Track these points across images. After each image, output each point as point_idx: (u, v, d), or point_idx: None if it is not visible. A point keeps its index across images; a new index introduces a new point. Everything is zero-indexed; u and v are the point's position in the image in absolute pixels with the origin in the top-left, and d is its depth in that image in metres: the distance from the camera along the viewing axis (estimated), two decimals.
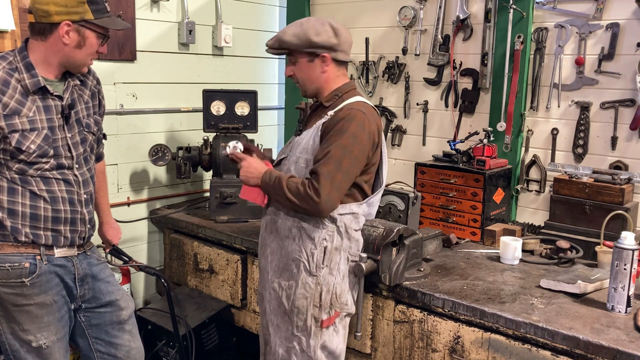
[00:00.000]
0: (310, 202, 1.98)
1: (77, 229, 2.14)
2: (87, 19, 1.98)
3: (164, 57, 3.32)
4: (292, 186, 2.02)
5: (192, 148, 3.18)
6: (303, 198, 1.99)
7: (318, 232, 2.09)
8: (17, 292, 2.03)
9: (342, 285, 2.13)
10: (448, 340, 2.15)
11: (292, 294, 2.13)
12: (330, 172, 1.97)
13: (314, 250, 2.10)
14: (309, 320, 2.12)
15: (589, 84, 2.76)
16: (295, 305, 2.12)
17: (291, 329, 2.15)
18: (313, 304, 2.11)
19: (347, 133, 1.99)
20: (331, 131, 2.02)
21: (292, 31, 2.07)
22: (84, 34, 2.00)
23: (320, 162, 2.00)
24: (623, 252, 2.00)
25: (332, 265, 2.11)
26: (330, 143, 2.00)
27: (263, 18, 3.83)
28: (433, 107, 3.29)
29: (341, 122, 2.01)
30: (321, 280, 2.10)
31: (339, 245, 2.11)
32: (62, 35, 1.97)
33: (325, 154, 1.99)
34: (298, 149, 2.14)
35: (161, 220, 3.26)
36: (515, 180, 3.00)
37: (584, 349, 1.85)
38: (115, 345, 2.29)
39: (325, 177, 1.96)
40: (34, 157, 2.00)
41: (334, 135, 2.00)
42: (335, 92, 2.14)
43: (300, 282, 2.11)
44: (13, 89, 1.96)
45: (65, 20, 1.95)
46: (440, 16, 3.15)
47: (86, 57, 2.06)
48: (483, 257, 2.60)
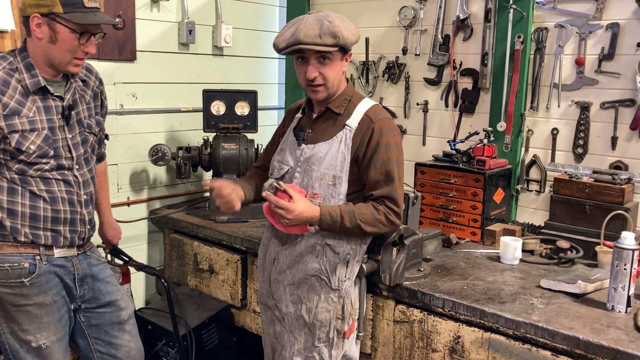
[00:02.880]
0: (393, 226, 2.02)
1: (76, 229, 2.14)
2: (56, 12, 1.92)
3: (164, 57, 3.32)
4: (368, 219, 1.97)
5: (192, 148, 3.18)
6: (384, 224, 2.00)
7: (343, 247, 2.05)
8: (16, 292, 2.03)
9: (355, 292, 2.14)
10: (448, 340, 2.15)
11: (313, 308, 2.06)
12: (400, 192, 2.01)
13: (337, 265, 2.05)
14: (332, 332, 2.08)
15: (589, 84, 2.76)
16: (317, 318, 2.06)
17: (312, 340, 2.09)
18: (336, 317, 2.07)
19: (394, 147, 1.99)
20: (378, 148, 1.97)
21: (345, 26, 1.93)
22: (55, 28, 1.94)
23: (386, 184, 1.98)
24: (623, 252, 1.99)
25: (353, 277, 2.10)
26: (387, 163, 1.97)
27: (263, 18, 3.83)
28: (433, 107, 3.29)
29: (383, 136, 1.98)
30: (344, 294, 2.07)
31: (360, 257, 2.11)
32: (33, 28, 1.95)
33: (387, 174, 1.97)
34: (322, 164, 2.01)
35: (161, 220, 3.25)
36: (516, 180, 3.00)
37: (584, 349, 1.85)
38: (115, 345, 2.29)
39: (400, 199, 2.00)
40: (33, 157, 2.00)
41: (384, 152, 1.97)
42: (344, 97, 2.06)
43: (322, 296, 2.06)
44: (13, 89, 1.96)
45: (34, 12, 1.93)
46: (440, 16, 3.15)
47: (64, 54, 1.99)
48: (483, 257, 2.60)
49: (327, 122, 2.07)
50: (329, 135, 2.04)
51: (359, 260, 2.11)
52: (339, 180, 2.00)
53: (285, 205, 1.91)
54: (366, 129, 1.99)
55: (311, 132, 2.09)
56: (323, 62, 1.96)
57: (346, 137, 2.01)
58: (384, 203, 1.99)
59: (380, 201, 1.99)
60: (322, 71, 1.97)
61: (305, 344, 2.10)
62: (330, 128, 2.05)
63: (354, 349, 2.19)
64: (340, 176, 2.00)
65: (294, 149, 2.10)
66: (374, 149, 1.98)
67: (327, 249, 2.04)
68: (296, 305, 2.09)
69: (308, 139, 2.08)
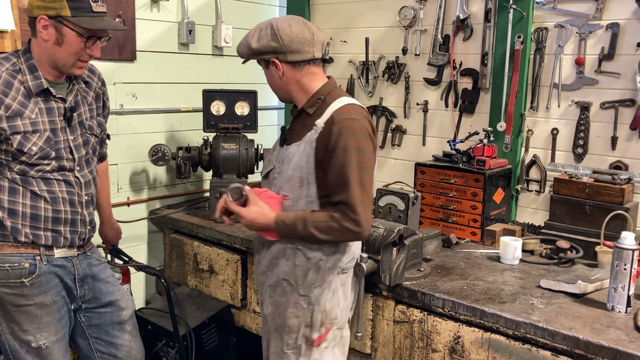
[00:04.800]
0: (350, 233, 1.87)
1: (77, 229, 2.14)
2: (64, 15, 1.92)
3: (164, 57, 3.32)
4: (321, 226, 1.87)
5: (192, 148, 3.17)
6: (340, 232, 1.87)
7: (315, 253, 1.99)
8: (16, 292, 2.03)
9: (332, 302, 2.03)
10: (448, 341, 2.15)
11: (282, 312, 2.05)
12: (359, 197, 1.85)
13: (308, 270, 2.00)
14: (300, 339, 2.05)
15: (589, 84, 2.76)
16: (286, 323, 2.04)
17: (281, 346, 2.08)
18: (304, 324, 2.03)
19: (354, 149, 1.86)
20: (335, 150, 1.87)
21: (242, 41, 1.99)
22: (62, 31, 1.95)
23: (342, 189, 1.86)
24: (623, 252, 2.00)
25: (324, 284, 2.02)
26: (344, 167, 1.86)
27: (263, 18, 3.81)
28: (433, 107, 3.29)
29: (341, 138, 1.86)
30: (313, 300, 2.01)
31: (333, 264, 2.01)
32: (39, 30, 1.95)
33: (343, 179, 1.86)
34: (290, 165, 1.98)
35: (161, 220, 3.25)
36: (515, 180, 3.00)
37: (584, 349, 1.85)
38: (116, 345, 2.29)
39: (358, 205, 1.84)
40: (35, 158, 2.00)
41: (341, 155, 1.86)
42: (317, 96, 1.98)
43: (291, 301, 2.03)
44: (16, 90, 1.96)
45: (42, 14, 1.93)
46: (440, 16, 3.15)
47: (69, 57, 1.99)
48: (483, 257, 2.60)
49: (302, 123, 2.02)
50: (300, 136, 1.99)
51: (332, 268, 2.02)
52: (306, 182, 1.95)
53: (237, 210, 1.95)
54: (328, 130, 1.90)
55: (291, 132, 2.07)
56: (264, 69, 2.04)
57: (312, 138, 1.94)
58: (340, 209, 1.87)
59: (337, 207, 1.88)
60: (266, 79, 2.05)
61: (276, 349, 2.09)
62: (303, 129, 1.99)
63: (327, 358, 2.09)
64: (306, 178, 1.95)
65: (278, 149, 2.10)
66: (332, 152, 1.88)
67: (298, 253, 2.00)
68: (273, 308, 2.09)
69: (288, 139, 2.06)
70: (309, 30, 1.94)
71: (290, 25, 1.93)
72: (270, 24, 1.94)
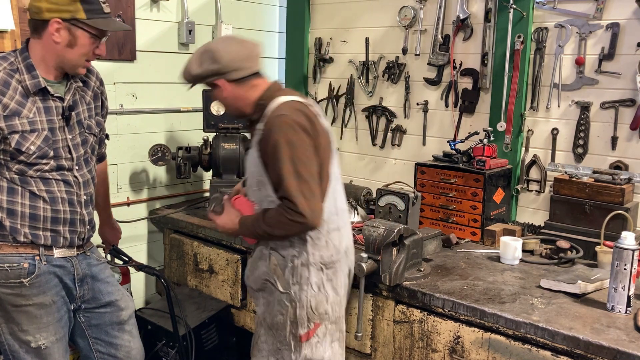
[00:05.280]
0: (297, 224, 1.93)
1: (76, 229, 2.13)
2: (79, 17, 1.95)
3: (164, 57, 3.32)
4: (272, 222, 1.97)
5: (192, 148, 3.18)
6: (289, 225, 1.94)
7: (287, 250, 2.06)
8: (16, 292, 2.03)
9: (317, 297, 2.07)
10: (448, 341, 2.15)
11: (271, 311, 2.13)
12: (296, 188, 1.91)
13: (285, 268, 2.07)
14: (288, 336, 2.10)
15: (589, 83, 2.76)
16: (274, 321, 2.12)
17: (276, 343, 2.15)
18: (290, 321, 2.08)
19: (283, 144, 1.91)
20: (268, 150, 1.95)
21: (184, 68, 2.08)
22: (75, 33, 1.97)
23: (280, 184, 1.93)
24: (623, 252, 1.99)
25: (302, 280, 2.06)
26: (276, 162, 1.93)
27: (263, 18, 3.83)
28: (433, 107, 3.29)
29: (271, 136, 1.94)
30: (294, 297, 2.06)
31: (305, 260, 2.05)
32: (51, 32, 1.95)
33: (279, 175, 1.93)
34: (248, 172, 2.12)
35: (161, 220, 3.25)
36: (516, 180, 2.99)
37: (584, 349, 1.85)
38: (115, 345, 2.29)
39: (295, 196, 1.90)
40: (33, 158, 2.00)
41: (272, 153, 1.94)
42: (258, 102, 2.05)
43: (275, 300, 2.10)
44: (13, 89, 1.96)
45: (55, 17, 1.93)
46: (440, 16, 3.15)
47: (79, 58, 2.03)
48: (483, 257, 2.60)
49: (252, 130, 2.10)
50: (252, 142, 2.07)
51: (307, 265, 2.05)
52: (262, 184, 2.02)
53: (212, 219, 2.17)
54: (263, 131, 1.98)
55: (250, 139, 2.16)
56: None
57: (256, 141, 2.01)
58: (283, 203, 1.94)
59: (281, 202, 1.96)
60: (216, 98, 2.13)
61: (272, 346, 2.17)
62: (253, 136, 2.07)
63: (322, 352, 2.13)
64: (261, 180, 2.02)
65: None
66: (266, 151, 1.96)
67: (273, 253, 2.08)
68: (262, 308, 2.18)
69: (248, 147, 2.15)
70: (245, 47, 2.04)
71: (228, 46, 2.03)
72: (208, 48, 2.03)
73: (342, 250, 2.13)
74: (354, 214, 3.00)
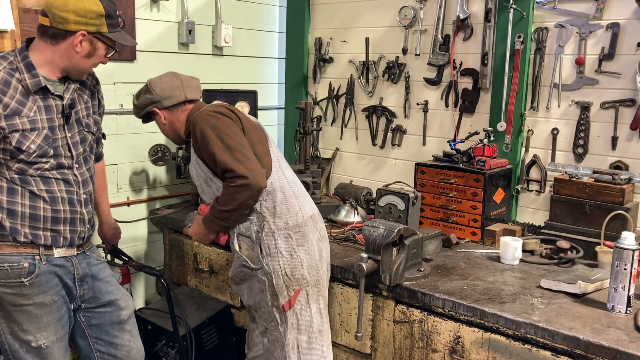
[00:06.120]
0: (243, 188, 2.05)
1: (76, 229, 2.14)
2: (102, 32, 2.04)
3: (164, 57, 3.32)
4: (223, 200, 2.12)
5: None
6: (236, 193, 2.07)
7: (250, 230, 2.20)
8: (16, 292, 2.03)
9: (291, 263, 2.18)
10: (448, 341, 2.15)
11: (253, 294, 2.25)
12: (229, 157, 2.06)
13: (253, 246, 2.20)
14: (271, 310, 2.20)
15: (589, 83, 2.76)
16: (256, 301, 2.24)
17: (263, 324, 2.26)
18: (269, 294, 2.18)
19: (207, 129, 2.11)
20: (197, 142, 2.15)
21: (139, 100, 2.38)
22: (96, 45, 2.06)
23: (218, 163, 2.09)
24: (623, 252, 1.99)
25: (272, 251, 2.17)
26: (207, 147, 2.11)
27: (263, 18, 3.83)
28: (433, 107, 3.29)
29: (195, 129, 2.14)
30: (268, 270, 2.17)
31: (269, 229, 2.17)
32: (75, 44, 2.01)
33: (213, 155, 2.09)
34: (195, 179, 2.30)
35: (161, 220, 3.25)
36: (516, 180, 2.99)
37: (584, 349, 1.85)
38: (115, 345, 2.29)
39: (231, 163, 2.05)
40: (34, 157, 2.00)
41: (202, 141, 2.12)
42: (188, 119, 2.31)
43: (253, 280, 2.23)
44: (14, 89, 1.96)
45: (82, 30, 2.00)
46: (440, 16, 3.15)
47: (91, 66, 2.13)
48: (483, 257, 2.60)
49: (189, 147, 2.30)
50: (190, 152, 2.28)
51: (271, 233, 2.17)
52: (209, 180, 2.20)
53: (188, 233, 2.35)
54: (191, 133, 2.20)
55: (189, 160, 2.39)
56: None
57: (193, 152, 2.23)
58: (225, 177, 2.10)
59: (224, 180, 2.11)
60: None
61: (260, 328, 2.29)
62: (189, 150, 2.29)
63: (308, 318, 2.22)
64: (207, 176, 2.20)
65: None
66: (196, 144, 2.16)
67: (241, 237, 2.23)
68: (247, 297, 2.30)
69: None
70: (178, 78, 2.35)
71: (160, 79, 2.35)
72: (147, 83, 2.36)
73: (307, 215, 2.25)
74: (354, 214, 3.00)
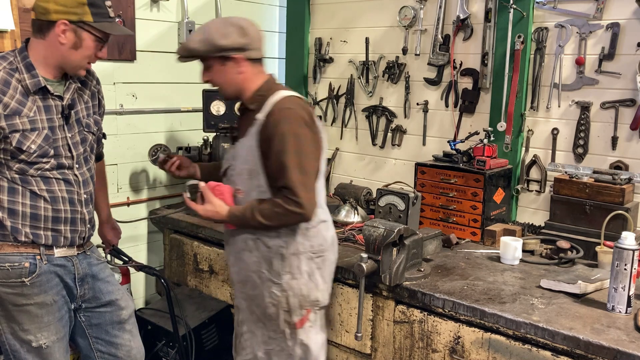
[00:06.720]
0: (295, 216, 1.96)
1: (77, 228, 2.14)
2: (86, 20, 1.97)
3: (164, 57, 3.32)
4: (267, 213, 1.97)
5: (192, 148, 3.18)
6: (285, 216, 1.96)
7: (274, 240, 2.06)
8: (17, 291, 2.03)
9: (308, 285, 2.11)
10: (448, 341, 2.15)
11: (260, 303, 2.13)
12: (299, 180, 1.94)
13: (272, 259, 2.08)
14: (282, 324, 2.13)
15: (590, 83, 2.76)
16: (267, 312, 2.13)
17: (267, 334, 2.17)
18: (283, 310, 2.11)
19: (290, 136, 1.95)
20: (273, 139, 1.96)
21: (198, 37, 2.02)
22: (81, 36, 1.99)
23: (282, 174, 1.95)
24: (623, 252, 1.99)
25: (293, 270, 2.08)
26: (281, 153, 1.95)
27: (263, 18, 3.83)
28: (433, 107, 3.29)
29: (277, 127, 1.96)
30: (285, 287, 2.08)
31: (295, 249, 2.07)
32: (58, 34, 1.96)
33: (282, 164, 1.94)
34: (239, 160, 2.09)
35: (161, 220, 3.25)
36: (516, 180, 2.99)
37: (585, 349, 1.85)
38: (116, 345, 2.29)
39: (299, 187, 1.93)
40: (34, 157, 2.00)
41: (278, 143, 1.95)
42: (258, 93, 2.08)
43: (265, 291, 2.11)
44: (14, 89, 1.96)
45: (62, 19, 1.95)
46: (441, 16, 3.15)
47: (82, 60, 2.05)
48: (483, 257, 2.60)
49: (246, 119, 2.11)
50: (246, 131, 2.09)
51: (297, 254, 2.07)
52: (255, 174, 2.04)
53: (194, 208, 2.09)
54: (268, 121, 1.99)
55: (237, 129, 2.19)
56: (207, 68, 2.08)
57: (255, 131, 2.03)
58: (282, 193, 1.96)
59: (279, 192, 1.97)
60: (210, 76, 2.09)
61: (262, 337, 2.19)
62: (247, 124, 2.09)
63: (314, 335, 2.17)
64: (254, 169, 2.04)
65: (231, 146, 2.24)
66: (271, 140, 1.97)
67: (259, 243, 2.08)
68: (247, 302, 2.18)
69: (237, 136, 2.16)
70: (260, 32, 2.09)
71: (251, 24, 2.05)
72: (233, 22, 2.03)
73: (330, 240, 2.18)
74: (354, 214, 3.00)
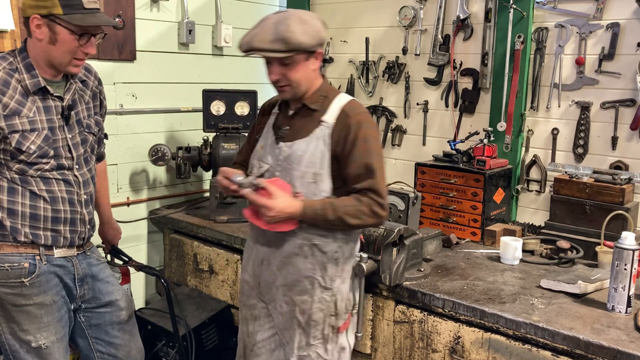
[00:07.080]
0: (377, 218, 1.96)
1: (76, 229, 2.13)
2: (55, 13, 1.92)
3: (164, 57, 3.32)
4: (351, 211, 1.92)
5: (192, 148, 3.17)
6: (369, 217, 1.95)
7: (330, 246, 2.02)
8: (16, 292, 2.03)
9: (350, 288, 2.12)
10: (448, 341, 2.15)
11: (307, 309, 2.05)
12: (383, 184, 1.98)
13: (327, 264, 2.03)
14: (326, 329, 2.08)
15: (589, 83, 2.76)
16: (312, 318, 2.06)
17: (306, 340, 2.08)
18: (330, 315, 2.07)
19: (373, 139, 1.97)
20: (357, 142, 1.93)
21: (302, 29, 1.86)
22: (55, 29, 1.94)
23: (367, 177, 1.94)
24: (623, 252, 1.99)
25: (344, 274, 2.08)
26: (366, 154, 1.93)
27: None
28: (433, 107, 3.29)
29: (361, 130, 1.94)
30: (335, 292, 2.06)
31: (349, 254, 2.08)
32: (33, 29, 1.95)
33: (368, 167, 1.93)
34: (302, 162, 1.98)
35: (161, 220, 3.25)
36: (516, 180, 2.99)
37: (585, 349, 1.85)
38: (116, 345, 2.28)
39: (383, 190, 1.96)
40: (34, 157, 2.00)
41: (363, 145, 1.93)
42: (319, 93, 2.02)
43: (315, 297, 2.04)
44: (13, 89, 1.96)
45: (34, 14, 1.93)
46: (441, 16, 3.15)
47: (63, 55, 1.98)
48: (483, 257, 2.60)
49: (304, 119, 2.02)
50: (306, 132, 1.99)
51: (349, 258, 2.08)
52: (320, 178, 1.97)
53: (265, 203, 1.88)
54: (343, 124, 1.95)
55: (289, 129, 2.04)
56: (285, 64, 1.92)
57: (324, 134, 1.97)
58: (367, 195, 1.94)
59: (363, 193, 1.94)
60: (285, 73, 1.94)
61: (299, 344, 2.09)
62: (307, 125, 2.00)
63: (350, 338, 2.17)
64: (320, 173, 1.97)
65: (272, 147, 2.06)
66: (353, 143, 1.94)
67: (314, 249, 2.01)
68: (290, 307, 2.08)
69: (286, 137, 2.03)
70: None
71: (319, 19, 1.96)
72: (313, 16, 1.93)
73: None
74: None
